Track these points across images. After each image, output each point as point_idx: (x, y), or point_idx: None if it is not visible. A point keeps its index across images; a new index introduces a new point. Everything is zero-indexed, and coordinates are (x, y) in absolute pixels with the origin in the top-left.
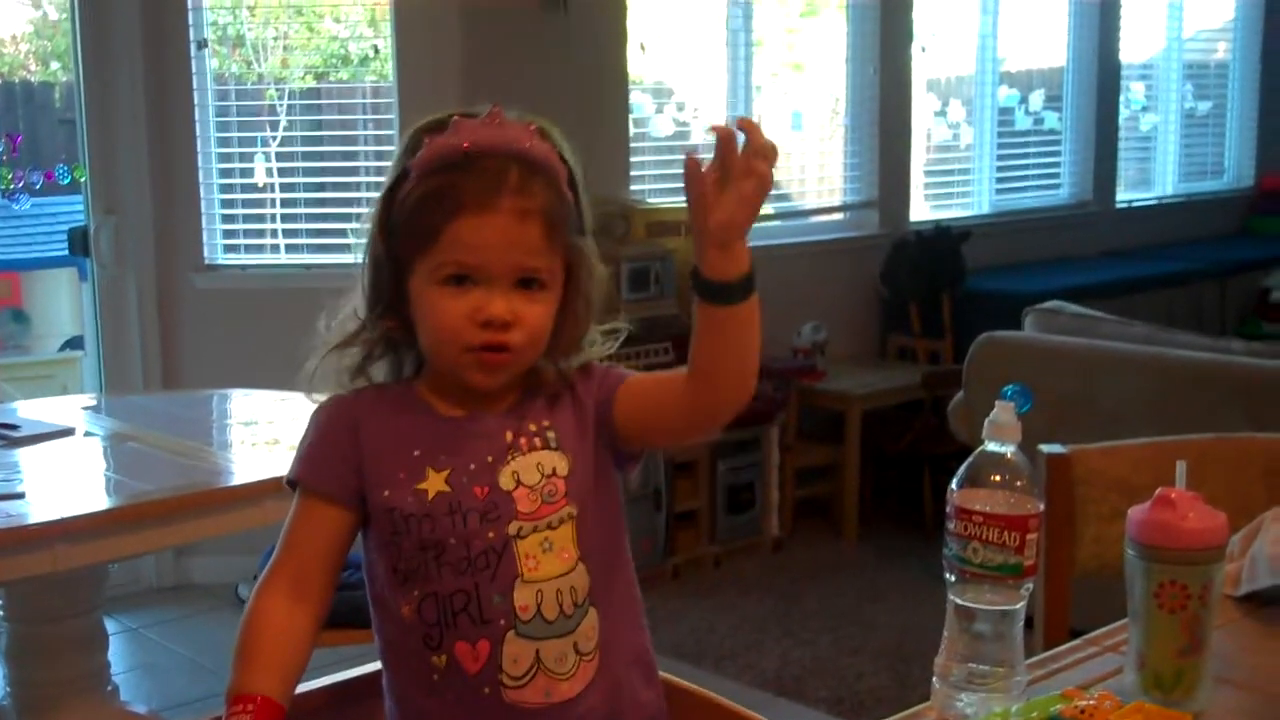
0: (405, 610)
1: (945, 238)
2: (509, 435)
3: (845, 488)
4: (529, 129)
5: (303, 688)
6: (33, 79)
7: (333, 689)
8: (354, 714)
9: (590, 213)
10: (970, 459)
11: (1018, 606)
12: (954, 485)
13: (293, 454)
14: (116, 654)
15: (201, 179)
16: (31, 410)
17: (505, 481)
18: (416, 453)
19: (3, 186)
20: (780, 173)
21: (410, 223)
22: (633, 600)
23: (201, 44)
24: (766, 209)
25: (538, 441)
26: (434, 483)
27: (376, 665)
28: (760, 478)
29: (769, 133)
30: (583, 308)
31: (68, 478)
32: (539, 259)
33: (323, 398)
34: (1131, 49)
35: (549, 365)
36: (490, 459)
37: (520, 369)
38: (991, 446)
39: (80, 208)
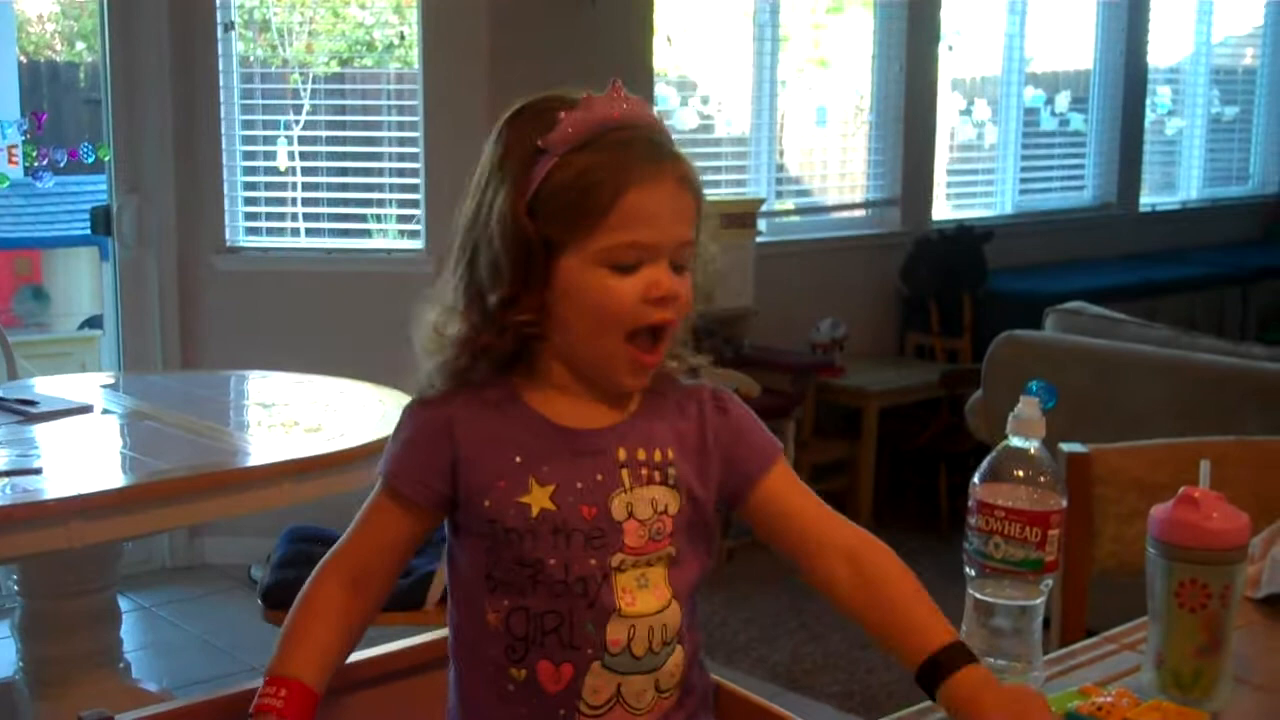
0: (492, 618)
1: (967, 237)
2: (622, 453)
3: (860, 484)
4: (643, 102)
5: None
6: (58, 59)
7: (381, 659)
8: (404, 687)
9: None
10: (993, 454)
11: (1037, 602)
12: (976, 480)
13: (309, 437)
14: (129, 632)
15: (225, 161)
16: (50, 387)
17: (618, 511)
18: (518, 459)
19: (27, 164)
20: (804, 168)
21: (568, 201)
22: (699, 638)
23: (228, 26)
24: (788, 204)
25: (657, 475)
26: (538, 498)
27: (414, 640)
28: None
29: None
30: (697, 282)
31: (85, 454)
32: (692, 230)
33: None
34: (1159, 52)
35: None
36: (600, 477)
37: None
38: (1015, 442)
39: (103, 187)
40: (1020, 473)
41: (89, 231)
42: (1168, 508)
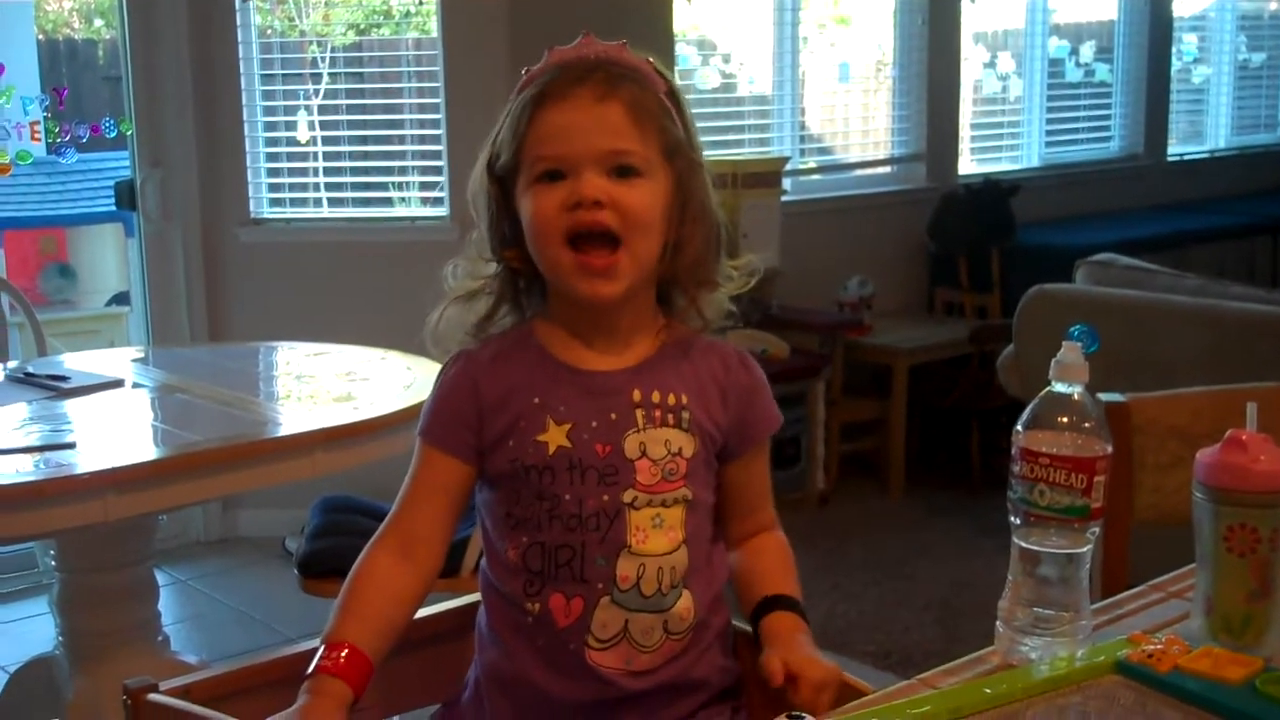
0: (511, 554)
1: (994, 191)
2: (637, 394)
3: (891, 442)
4: (620, 45)
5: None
6: (76, 36)
7: (417, 623)
8: (440, 651)
9: (698, 138)
10: (1036, 400)
11: (1084, 550)
12: (1019, 427)
13: (338, 406)
14: (166, 605)
15: (246, 132)
16: (80, 362)
17: (630, 449)
18: (535, 400)
19: (50, 140)
20: (827, 125)
21: (504, 138)
22: (721, 581)
23: None
24: (809, 163)
25: (671, 419)
26: (554, 436)
27: (448, 605)
28: (806, 432)
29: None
30: (697, 211)
31: (117, 428)
32: (628, 141)
33: (443, 349)
34: (1184, 0)
35: (687, 304)
36: (614, 416)
37: (636, 270)
38: (1059, 388)
39: (125, 163)
40: (1064, 419)
41: (113, 208)
42: (1214, 451)
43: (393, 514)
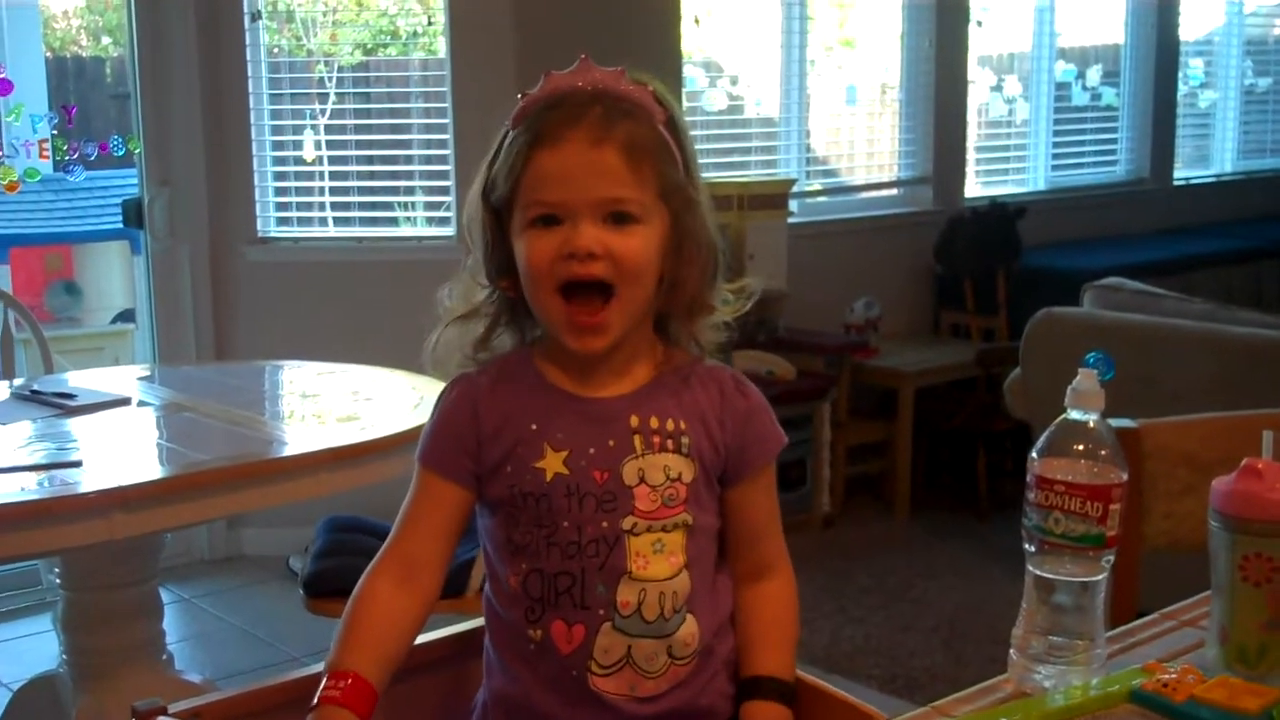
0: (512, 580)
1: (1001, 214)
2: (634, 420)
3: (897, 465)
4: (619, 73)
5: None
6: (84, 54)
7: (419, 649)
8: (444, 677)
9: (697, 164)
10: (1051, 428)
11: (1099, 578)
12: (1034, 454)
13: (344, 426)
14: (170, 624)
15: (255, 151)
16: (85, 380)
17: (629, 476)
18: (533, 426)
19: (58, 157)
20: (833, 147)
21: (500, 172)
22: (726, 608)
23: (255, 16)
24: (815, 185)
25: (670, 444)
26: (552, 463)
27: (452, 630)
28: (811, 454)
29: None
30: (694, 250)
31: (123, 447)
32: (624, 188)
33: (443, 372)
34: (1191, 24)
35: (683, 333)
36: (612, 443)
37: (626, 319)
38: (1074, 415)
39: (131, 181)
40: (1080, 446)
41: (120, 225)
42: (1230, 480)
43: (392, 538)
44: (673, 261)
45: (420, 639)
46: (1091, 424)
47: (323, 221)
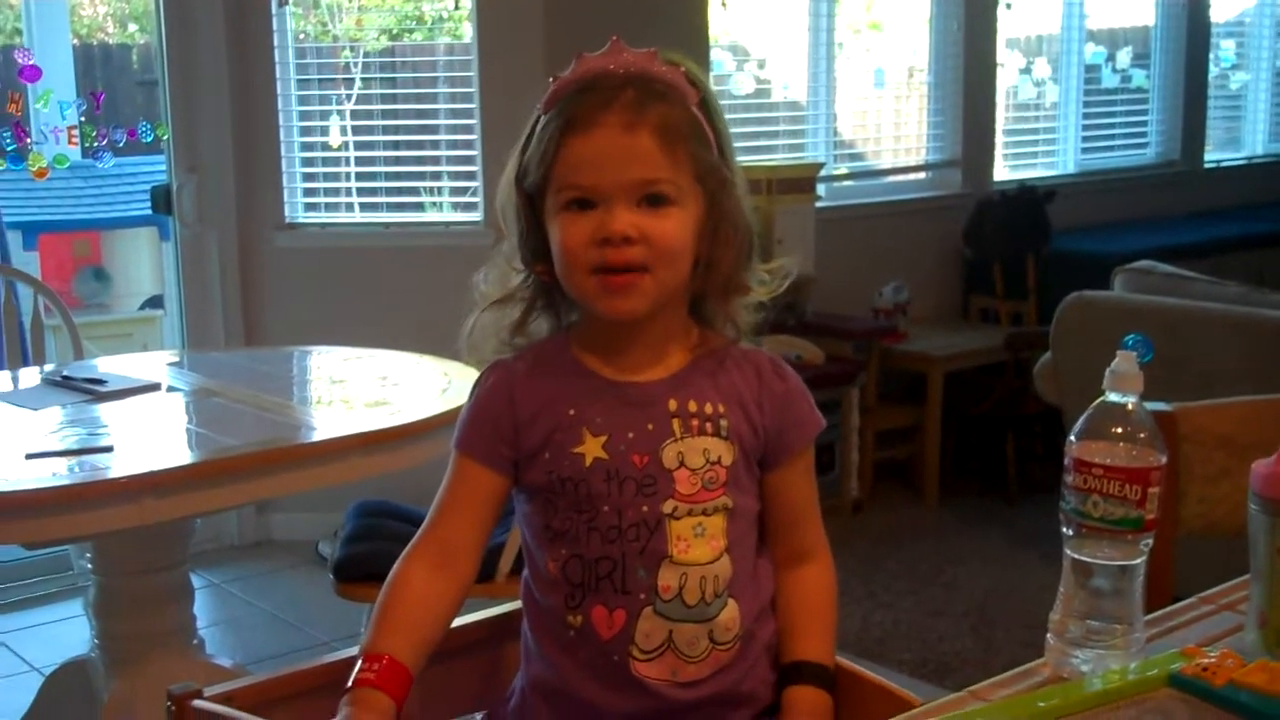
0: (551, 566)
1: (1030, 197)
2: (672, 404)
3: (926, 450)
4: (651, 54)
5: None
6: (110, 41)
7: (452, 632)
8: (476, 661)
9: (732, 145)
10: (1090, 410)
11: (1137, 561)
12: (1072, 437)
13: (373, 411)
14: (200, 609)
15: (282, 137)
16: (115, 366)
17: (669, 459)
18: (571, 412)
19: (86, 144)
20: (861, 131)
21: (533, 158)
22: (768, 593)
23: (282, 2)
24: (843, 169)
25: (709, 427)
26: (591, 448)
27: (484, 614)
28: (840, 439)
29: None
30: (730, 232)
31: (154, 432)
32: (658, 170)
33: (478, 358)
34: (1222, 6)
35: (719, 314)
36: (650, 427)
37: (660, 292)
38: (1113, 397)
39: (159, 167)
40: (1118, 429)
41: (149, 212)
42: (1270, 462)
43: (427, 524)
44: (709, 243)
45: (455, 622)
46: (1130, 406)
47: (350, 207)
